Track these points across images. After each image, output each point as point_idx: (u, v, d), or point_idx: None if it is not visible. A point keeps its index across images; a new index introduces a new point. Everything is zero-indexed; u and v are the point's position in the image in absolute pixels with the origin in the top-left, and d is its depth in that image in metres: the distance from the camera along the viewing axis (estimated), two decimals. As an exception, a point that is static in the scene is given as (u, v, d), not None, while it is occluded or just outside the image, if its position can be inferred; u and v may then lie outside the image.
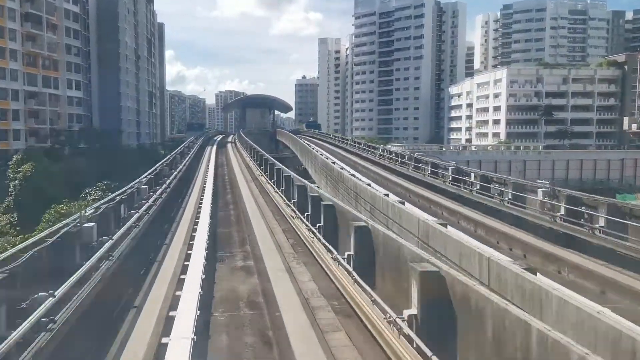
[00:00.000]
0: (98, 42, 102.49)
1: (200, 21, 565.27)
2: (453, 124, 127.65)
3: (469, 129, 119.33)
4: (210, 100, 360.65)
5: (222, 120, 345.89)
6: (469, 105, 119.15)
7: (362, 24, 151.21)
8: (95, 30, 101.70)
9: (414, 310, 8.67)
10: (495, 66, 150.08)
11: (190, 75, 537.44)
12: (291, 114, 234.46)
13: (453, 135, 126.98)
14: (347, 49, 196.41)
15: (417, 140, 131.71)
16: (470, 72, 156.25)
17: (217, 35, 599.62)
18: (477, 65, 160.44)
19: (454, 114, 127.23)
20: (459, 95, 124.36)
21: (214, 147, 72.86)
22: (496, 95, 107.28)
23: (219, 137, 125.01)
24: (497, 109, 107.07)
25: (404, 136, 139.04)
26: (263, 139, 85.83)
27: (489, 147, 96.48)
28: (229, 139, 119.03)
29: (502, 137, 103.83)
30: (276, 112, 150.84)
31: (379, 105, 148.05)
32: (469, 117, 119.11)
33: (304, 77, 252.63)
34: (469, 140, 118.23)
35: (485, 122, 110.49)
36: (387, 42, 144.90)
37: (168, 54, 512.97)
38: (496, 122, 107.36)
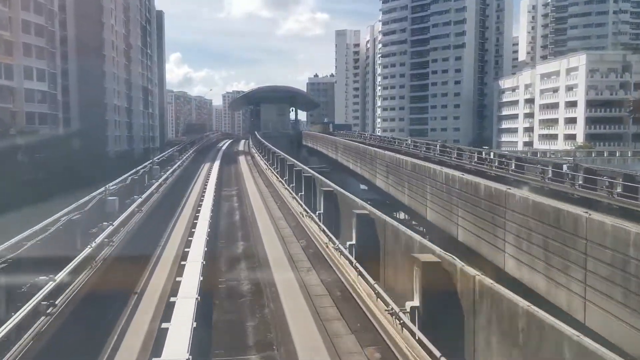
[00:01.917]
0: (77, 24, 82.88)
1: (206, 23, 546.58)
2: (505, 124, 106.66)
3: (528, 129, 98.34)
4: (217, 102, 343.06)
5: (230, 122, 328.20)
6: (529, 101, 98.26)
7: (391, 8, 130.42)
8: (73, 8, 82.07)
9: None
10: (544, 57, 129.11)
11: (197, 77, 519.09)
12: (302, 115, 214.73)
13: (505, 138, 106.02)
14: (367, 41, 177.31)
15: (458, 143, 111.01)
16: (514, 65, 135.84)
17: (223, 37, 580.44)
18: (521, 56, 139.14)
19: (506, 112, 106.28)
20: (514, 90, 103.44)
21: (214, 169, 43.45)
22: (570, 88, 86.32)
23: (225, 144, 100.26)
24: (571, 104, 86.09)
25: (442, 138, 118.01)
26: (283, 144, 65.51)
27: (559, 154, 75.88)
28: (240, 146, 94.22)
29: (580, 139, 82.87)
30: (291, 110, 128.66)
31: (412, 103, 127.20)
32: (529, 115, 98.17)
33: (316, 75, 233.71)
34: (528, 144, 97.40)
35: (554, 121, 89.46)
36: (421, 29, 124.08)
37: (175, 56, 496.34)
38: (570, 120, 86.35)
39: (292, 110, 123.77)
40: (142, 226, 20.89)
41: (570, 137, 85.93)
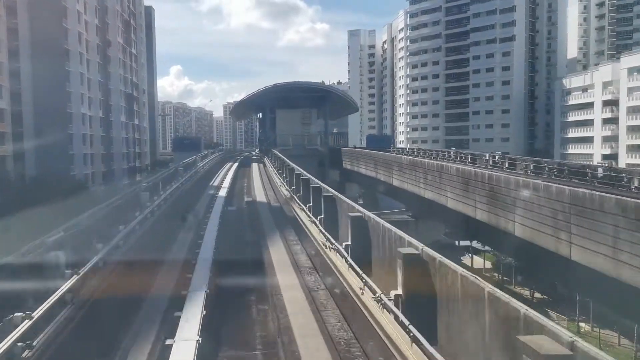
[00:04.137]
0: (30, 11, 63.09)
1: (206, 35, 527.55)
2: (572, 132, 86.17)
3: (609, 139, 77.92)
4: (218, 113, 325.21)
5: (231, 134, 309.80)
6: (609, 104, 77.97)
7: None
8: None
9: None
10: (599, 53, 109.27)
11: (198, 89, 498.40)
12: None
13: (573, 149, 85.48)
14: (384, 42, 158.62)
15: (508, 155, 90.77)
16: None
17: (223, 49, 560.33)
18: (571, 52, 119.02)
19: (573, 117, 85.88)
20: (585, 90, 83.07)
21: None
22: (677, 84, 66.08)
23: (227, 176, 53.60)
24: (679, 106, 65.81)
25: (487, 150, 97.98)
26: (310, 166, 44.79)
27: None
28: (255, 183, 49.00)
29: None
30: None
31: (448, 109, 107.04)
32: (609, 121, 77.83)
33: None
34: (609, 157, 76.90)
35: (653, 127, 69.07)
36: (459, 21, 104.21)
37: (175, 68, 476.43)
38: (678, 127, 66.02)
39: (324, 117, 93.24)
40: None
41: (679, 149, 65.59)
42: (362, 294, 14.10)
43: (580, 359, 5.86)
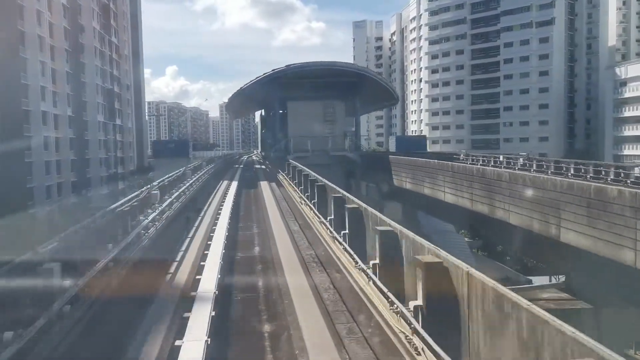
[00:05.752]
0: (-29, -18, 49.89)
1: (201, 35, 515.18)
2: (629, 131, 73.53)
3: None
4: (215, 114, 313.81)
5: (228, 134, 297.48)
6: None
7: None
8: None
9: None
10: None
11: (194, 90, 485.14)
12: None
13: (630, 150, 72.96)
14: (392, 33, 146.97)
15: (546, 157, 78.05)
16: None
17: (219, 49, 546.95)
18: (610, 40, 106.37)
19: (630, 112, 73.24)
20: (647, 79, 70.47)
21: None
22: None
23: (213, 237, 18.37)
24: None
25: (521, 151, 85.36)
26: (335, 177, 31.31)
27: None
28: (279, 253, 18.00)
29: None
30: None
31: (474, 104, 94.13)
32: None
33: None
34: (681, 159, 64.30)
35: None
36: (486, 3, 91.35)
37: (171, 69, 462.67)
38: None
39: (343, 112, 69.14)
40: None
41: None
42: None
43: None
